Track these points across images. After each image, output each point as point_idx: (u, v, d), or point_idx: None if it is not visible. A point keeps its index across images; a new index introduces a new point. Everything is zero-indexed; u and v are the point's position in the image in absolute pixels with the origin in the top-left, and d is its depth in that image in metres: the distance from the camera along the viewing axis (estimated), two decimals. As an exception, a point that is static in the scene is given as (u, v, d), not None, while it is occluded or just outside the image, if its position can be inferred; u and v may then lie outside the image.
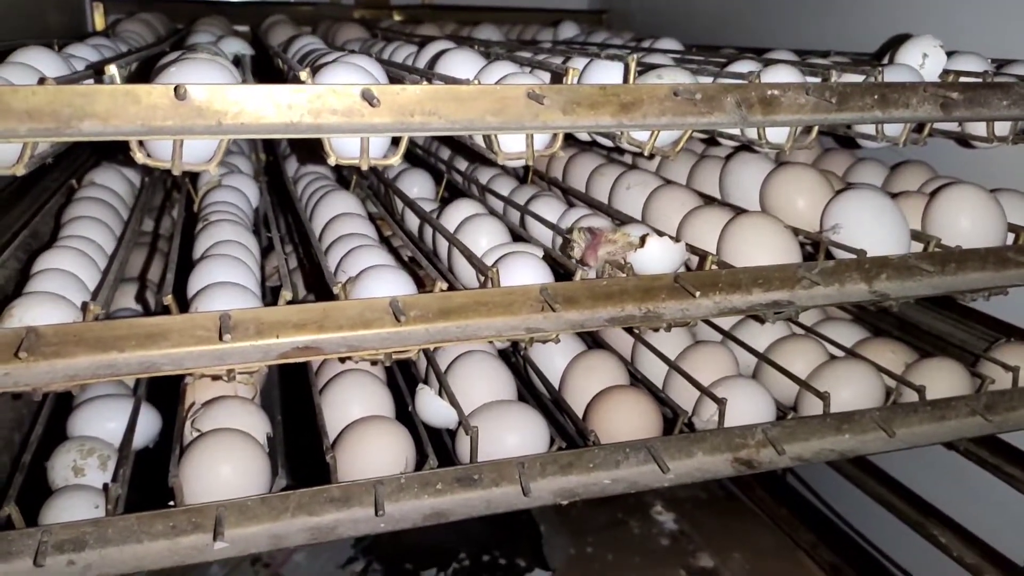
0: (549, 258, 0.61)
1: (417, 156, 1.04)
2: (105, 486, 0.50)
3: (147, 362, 0.45)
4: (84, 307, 0.48)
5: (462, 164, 0.96)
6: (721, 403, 0.61)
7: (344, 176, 0.91)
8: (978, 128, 0.66)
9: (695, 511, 1.07)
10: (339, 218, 0.67)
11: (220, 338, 0.46)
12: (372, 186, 0.90)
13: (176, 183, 0.93)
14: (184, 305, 0.53)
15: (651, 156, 0.55)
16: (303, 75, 0.45)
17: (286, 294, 0.50)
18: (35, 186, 0.84)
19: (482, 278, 0.55)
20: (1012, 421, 0.66)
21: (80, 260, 0.55)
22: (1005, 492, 0.80)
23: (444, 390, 0.60)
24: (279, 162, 0.94)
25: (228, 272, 0.53)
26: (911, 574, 0.92)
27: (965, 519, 0.86)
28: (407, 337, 0.50)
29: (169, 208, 0.94)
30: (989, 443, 0.81)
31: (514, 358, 0.75)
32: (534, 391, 0.70)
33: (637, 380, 0.69)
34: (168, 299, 0.48)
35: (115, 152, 0.85)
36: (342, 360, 0.61)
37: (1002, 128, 0.64)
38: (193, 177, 0.82)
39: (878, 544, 0.97)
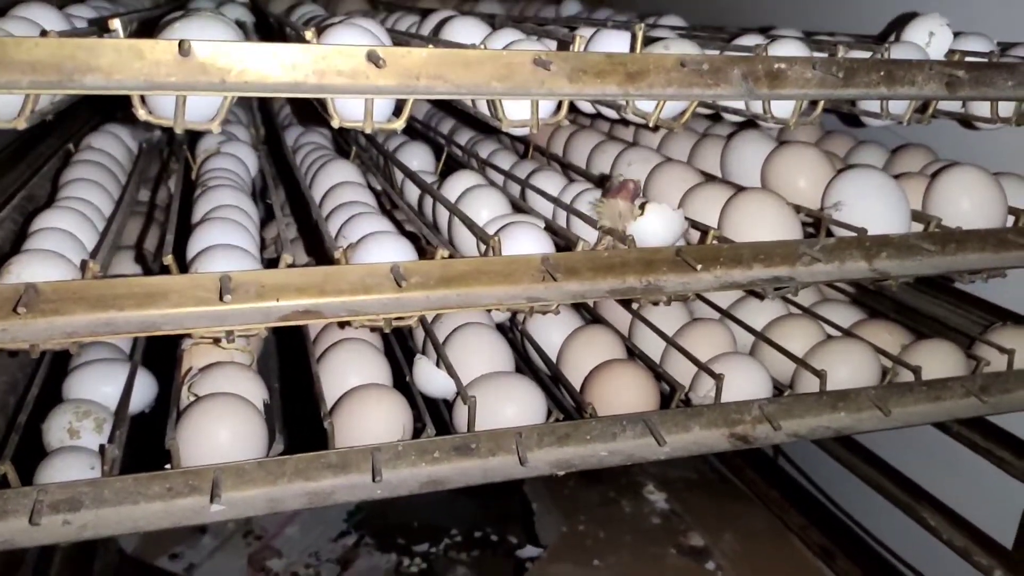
0: (550, 230, 0.60)
1: (416, 130, 1.04)
2: (101, 447, 0.50)
3: (147, 322, 0.45)
4: (83, 265, 0.48)
5: (462, 139, 0.96)
6: (718, 379, 0.61)
7: (343, 148, 0.91)
8: (982, 109, 0.66)
9: (686, 492, 1.08)
10: (339, 186, 0.66)
11: (221, 299, 0.45)
12: (372, 158, 0.89)
13: (173, 152, 0.92)
14: (184, 268, 0.53)
15: (656, 128, 0.55)
16: (308, 35, 0.44)
17: (287, 257, 0.49)
18: (32, 151, 0.83)
19: (483, 247, 0.55)
20: (1006, 403, 0.66)
21: (78, 221, 0.55)
22: (995, 475, 0.81)
23: (442, 360, 0.60)
24: (278, 133, 0.93)
25: (228, 235, 0.53)
26: (900, 556, 0.93)
27: (955, 502, 0.86)
28: (407, 303, 0.50)
29: (165, 179, 0.94)
30: (981, 426, 0.82)
31: (511, 333, 0.75)
32: (532, 365, 0.70)
33: (635, 355, 0.69)
34: (168, 259, 0.47)
35: (112, 117, 0.85)
36: (341, 326, 0.61)
37: (1006, 109, 0.64)
38: (191, 144, 0.81)
39: (868, 527, 0.98)
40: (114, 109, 0.86)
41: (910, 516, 0.88)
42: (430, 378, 0.60)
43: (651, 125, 0.53)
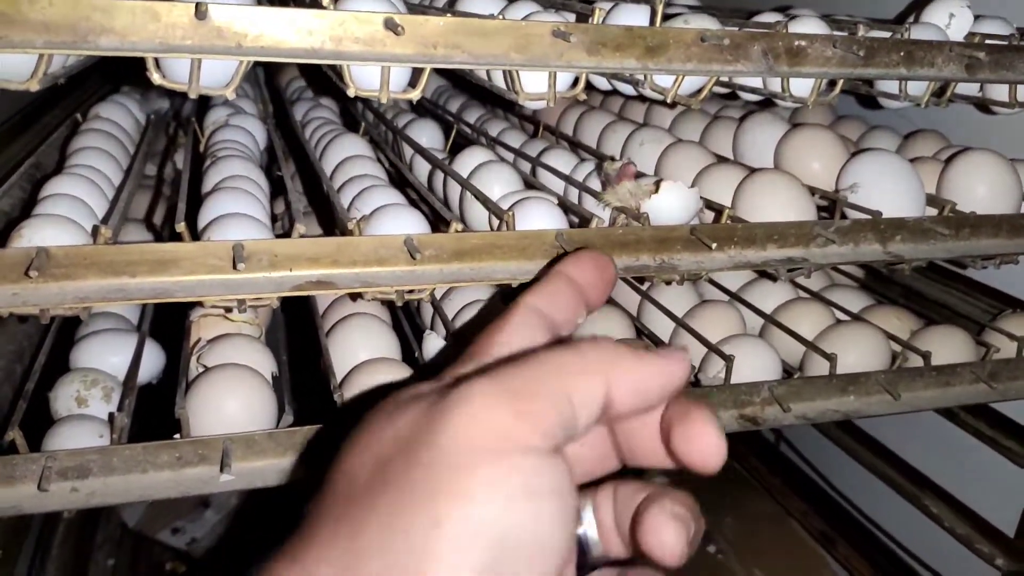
0: (563, 207, 0.60)
1: (425, 108, 1.03)
2: (110, 415, 0.49)
3: (159, 288, 0.45)
4: (95, 231, 0.47)
5: (471, 117, 0.95)
6: (728, 360, 0.60)
7: (352, 124, 0.90)
8: (1000, 93, 0.65)
9: (688, 476, 1.07)
10: (350, 160, 0.66)
11: (234, 267, 0.45)
12: (381, 135, 0.88)
13: (180, 125, 0.92)
14: (195, 237, 0.52)
15: (673, 105, 0.54)
16: (325, 0, 0.44)
17: (300, 227, 0.49)
18: (38, 121, 0.82)
19: (497, 222, 0.55)
20: (1015, 390, 0.66)
21: (88, 187, 0.54)
22: (999, 464, 0.81)
23: (451, 336, 0.60)
24: (286, 108, 0.93)
25: (240, 204, 0.53)
26: (901, 543, 0.93)
27: (959, 490, 0.86)
28: (421, 276, 0.49)
29: (173, 153, 0.93)
30: (986, 414, 0.82)
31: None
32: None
33: (643, 336, 0.68)
34: (181, 226, 0.47)
35: (119, 86, 0.84)
36: (353, 298, 0.61)
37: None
38: (199, 117, 0.81)
39: (870, 514, 0.98)
40: (123, 80, 0.86)
41: (913, 504, 0.88)
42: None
43: (669, 101, 0.53)
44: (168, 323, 0.63)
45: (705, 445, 0.29)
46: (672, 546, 0.29)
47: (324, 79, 0.62)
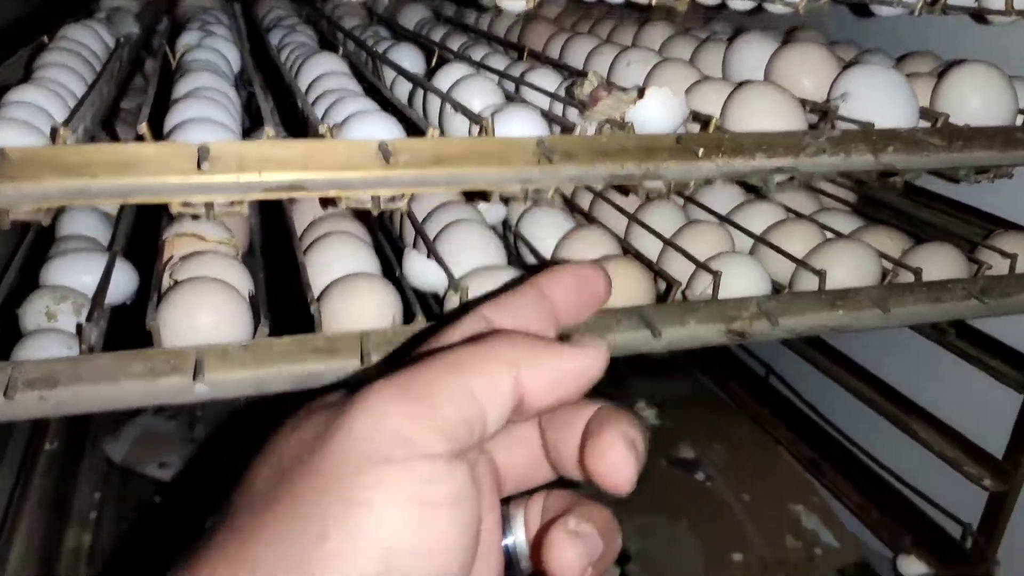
0: (547, 118, 0.58)
1: (407, 37, 1.00)
2: (79, 327, 0.48)
3: (122, 188, 0.43)
4: (54, 132, 0.45)
5: (454, 45, 0.92)
6: (716, 275, 0.59)
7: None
8: (996, 2, 0.63)
9: (677, 408, 1.07)
10: (326, 76, 0.64)
11: (199, 168, 0.43)
12: (361, 60, 0.86)
13: (151, 51, 0.89)
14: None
15: (652, 8, 0.52)
16: None
17: (268, 131, 0.47)
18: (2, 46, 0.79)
19: (476, 128, 0.53)
20: (1006, 306, 0.65)
21: (51, 97, 0.52)
22: (987, 385, 0.81)
23: (432, 253, 0.58)
24: (262, 36, 0.90)
25: (208, 110, 0.51)
26: (888, 467, 0.93)
27: (946, 414, 0.86)
28: (396, 181, 0.48)
29: (140, 76, 0.91)
30: (973, 336, 0.81)
31: (505, 238, 0.73)
32: (525, 266, 0.69)
33: (630, 255, 0.67)
34: (143, 127, 0.45)
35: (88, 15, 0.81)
36: (324, 204, 0.59)
37: (1021, 1, 0.61)
38: (171, 41, 0.78)
39: (858, 441, 0.98)
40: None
41: (901, 429, 0.88)
42: (421, 270, 0.58)
43: (653, 1, 0.50)
44: (142, 248, 0.62)
45: (612, 461, 0.27)
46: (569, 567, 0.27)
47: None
